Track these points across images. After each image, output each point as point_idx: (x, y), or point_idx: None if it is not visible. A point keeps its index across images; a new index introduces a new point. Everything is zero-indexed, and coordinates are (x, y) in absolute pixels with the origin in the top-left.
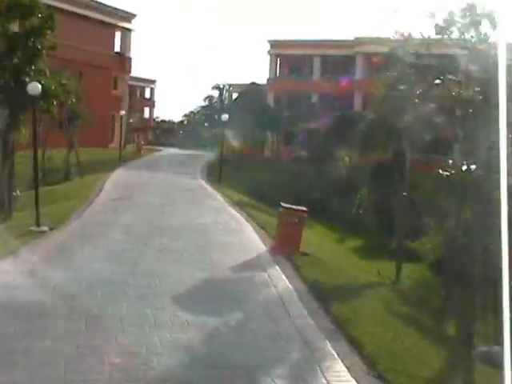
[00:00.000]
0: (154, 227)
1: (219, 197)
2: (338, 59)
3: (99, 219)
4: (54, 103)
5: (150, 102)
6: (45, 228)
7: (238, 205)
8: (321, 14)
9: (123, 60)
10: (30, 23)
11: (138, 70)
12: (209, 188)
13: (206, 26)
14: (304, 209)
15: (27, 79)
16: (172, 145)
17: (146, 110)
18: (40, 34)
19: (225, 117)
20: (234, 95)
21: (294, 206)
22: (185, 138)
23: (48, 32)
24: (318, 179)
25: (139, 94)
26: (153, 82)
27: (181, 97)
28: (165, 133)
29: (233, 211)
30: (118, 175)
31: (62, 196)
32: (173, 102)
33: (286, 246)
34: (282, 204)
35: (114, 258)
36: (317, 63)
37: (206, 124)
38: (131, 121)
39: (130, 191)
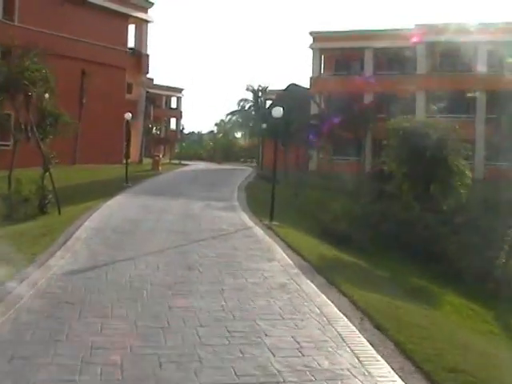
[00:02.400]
0: None
1: (280, 251)
2: (394, 52)
3: None
4: None
5: (177, 112)
6: None
7: (325, 270)
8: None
9: (138, 57)
10: None
11: (160, 75)
12: (257, 230)
13: (235, 21)
14: None
15: None
16: (200, 158)
17: (173, 121)
18: None
19: (264, 125)
20: (270, 101)
21: None
22: (215, 150)
23: None
24: (424, 210)
25: (165, 104)
26: (179, 90)
27: (210, 106)
28: (193, 145)
29: (325, 300)
30: (114, 206)
31: None
32: (201, 112)
33: None
34: None
35: None
36: (368, 57)
37: (239, 133)
38: (154, 132)
39: (116, 246)
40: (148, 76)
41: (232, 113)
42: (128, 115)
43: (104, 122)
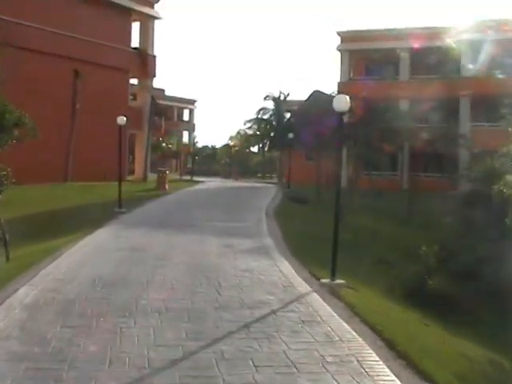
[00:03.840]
0: None
1: (381, 366)
2: (433, 52)
3: None
4: None
5: (189, 125)
6: None
7: None
8: None
9: (144, 58)
10: None
11: (171, 86)
12: (316, 302)
13: (253, 23)
14: None
15: None
16: (215, 173)
17: (185, 134)
18: None
19: (290, 135)
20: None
21: None
22: (231, 165)
23: None
24: None
25: (176, 116)
26: (192, 101)
27: (224, 118)
28: (206, 159)
29: None
30: (88, 249)
31: None
32: (215, 125)
33: None
34: None
35: None
36: (404, 59)
37: (257, 146)
38: (164, 146)
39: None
40: (159, 87)
41: (251, 121)
42: (122, 119)
43: (102, 132)
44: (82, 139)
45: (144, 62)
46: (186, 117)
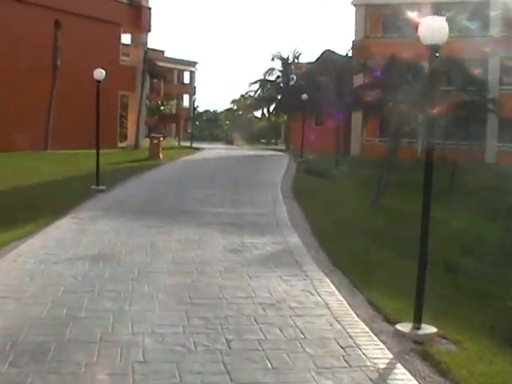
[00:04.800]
0: None
1: None
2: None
3: None
4: None
5: (190, 88)
6: None
7: None
8: None
9: (137, 10)
10: None
11: (169, 45)
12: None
13: None
14: None
15: None
16: (217, 139)
17: (185, 98)
18: None
19: (304, 96)
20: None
21: None
22: (234, 131)
23: None
24: None
25: (176, 79)
26: (193, 63)
27: (227, 81)
28: (208, 124)
29: None
30: (33, 256)
31: None
32: (217, 88)
33: None
34: None
35: None
36: (426, 14)
37: (260, 110)
38: (163, 109)
39: None
40: (158, 48)
41: (256, 82)
42: (100, 73)
43: (88, 94)
44: (65, 101)
45: (137, 14)
46: (186, 79)
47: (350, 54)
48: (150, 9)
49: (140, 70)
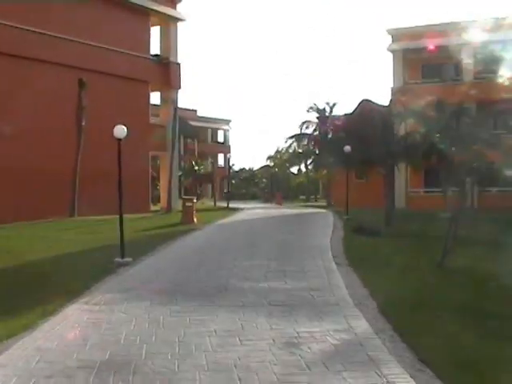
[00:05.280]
0: None
1: None
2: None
3: None
4: None
5: (224, 147)
6: None
7: None
8: None
9: (166, 67)
10: None
11: (203, 104)
12: None
13: (290, 28)
14: None
15: None
16: (254, 197)
17: (220, 157)
18: None
19: (347, 149)
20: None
21: None
22: (272, 188)
23: None
24: None
25: (210, 138)
26: (226, 121)
27: (262, 136)
28: (244, 183)
29: None
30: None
31: None
32: (251, 146)
33: None
34: None
35: None
36: (467, 57)
37: (297, 166)
38: (197, 169)
39: None
40: (190, 107)
41: (292, 137)
42: (120, 130)
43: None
44: (91, 164)
45: (166, 71)
46: (220, 138)
47: (388, 102)
48: (179, 65)
49: (171, 127)
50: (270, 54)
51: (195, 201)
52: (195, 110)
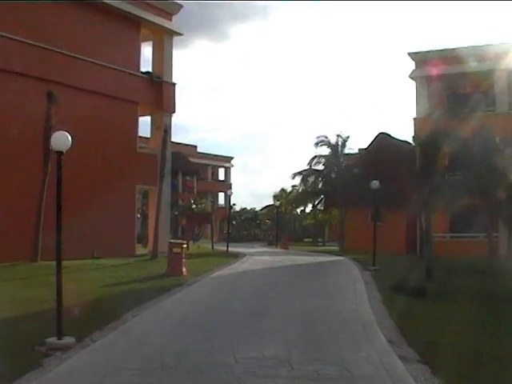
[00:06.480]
0: None
1: None
2: None
3: None
4: None
5: (225, 185)
6: None
7: None
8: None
9: (158, 87)
10: None
11: (203, 141)
12: None
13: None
14: None
15: None
16: (256, 239)
17: (221, 196)
18: None
19: (375, 184)
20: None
21: None
22: (277, 230)
23: None
24: None
25: (211, 176)
26: (228, 159)
27: (265, 176)
28: (246, 224)
29: None
30: None
31: None
32: (255, 185)
33: None
34: None
35: None
36: (501, 85)
37: (306, 205)
38: (194, 207)
39: None
40: (190, 143)
41: (301, 172)
42: (62, 137)
43: (94, 188)
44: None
45: (158, 91)
46: (221, 176)
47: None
48: (173, 85)
49: (163, 157)
50: (275, 84)
51: (185, 246)
52: (195, 146)
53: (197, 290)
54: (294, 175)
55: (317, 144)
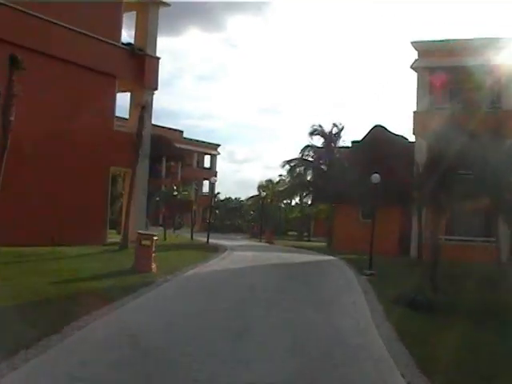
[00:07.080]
0: None
1: None
2: None
3: None
4: None
5: (211, 173)
6: None
7: None
8: None
9: (140, 60)
10: None
11: (189, 126)
12: None
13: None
14: None
15: None
16: (239, 230)
17: (206, 184)
18: None
19: (376, 177)
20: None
21: None
22: (261, 222)
23: None
24: None
25: (196, 163)
26: (215, 146)
27: (252, 164)
28: (229, 214)
29: None
30: None
31: None
32: (241, 174)
33: None
34: None
35: None
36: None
37: (292, 198)
38: (177, 194)
39: None
40: (177, 127)
41: (291, 161)
42: None
43: (62, 168)
44: (18, 176)
45: (140, 65)
46: (207, 163)
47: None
48: (158, 59)
49: (143, 137)
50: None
51: (156, 238)
52: (182, 131)
53: (164, 293)
54: (284, 163)
55: (311, 133)
